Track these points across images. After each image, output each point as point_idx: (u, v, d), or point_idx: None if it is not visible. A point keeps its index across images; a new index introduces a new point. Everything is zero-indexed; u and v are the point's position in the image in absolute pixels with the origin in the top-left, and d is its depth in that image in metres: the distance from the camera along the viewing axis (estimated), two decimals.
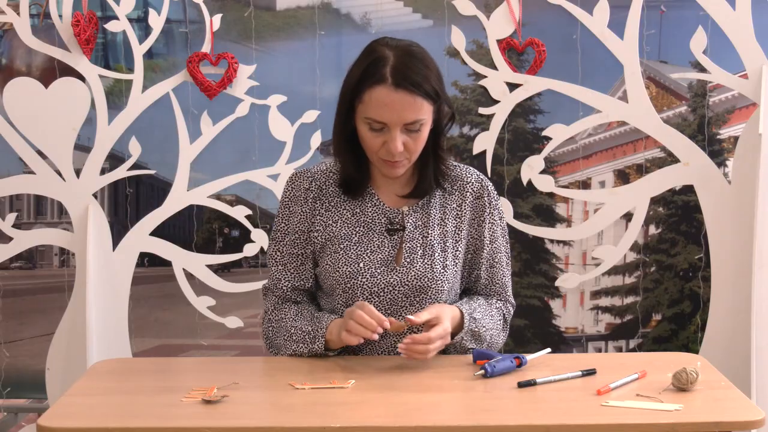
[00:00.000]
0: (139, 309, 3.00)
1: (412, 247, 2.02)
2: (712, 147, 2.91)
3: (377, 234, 2.03)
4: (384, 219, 2.04)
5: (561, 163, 2.97)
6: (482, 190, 2.08)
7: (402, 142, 1.90)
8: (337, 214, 2.05)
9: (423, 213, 2.05)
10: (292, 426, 1.59)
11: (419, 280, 2.00)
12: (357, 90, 1.91)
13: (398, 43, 1.94)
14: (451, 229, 2.06)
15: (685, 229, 2.97)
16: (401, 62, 1.89)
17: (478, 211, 2.08)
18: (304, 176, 2.07)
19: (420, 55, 1.93)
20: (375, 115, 1.89)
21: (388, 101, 1.87)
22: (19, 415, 3.22)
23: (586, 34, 2.86)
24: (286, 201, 2.08)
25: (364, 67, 1.91)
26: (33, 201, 3.03)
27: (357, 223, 2.04)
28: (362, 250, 2.02)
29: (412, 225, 2.03)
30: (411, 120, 1.89)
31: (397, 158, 1.93)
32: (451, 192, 2.07)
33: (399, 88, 1.87)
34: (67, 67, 2.88)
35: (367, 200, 2.05)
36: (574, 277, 2.98)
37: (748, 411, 1.63)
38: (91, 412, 1.67)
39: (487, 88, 2.89)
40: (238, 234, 3.00)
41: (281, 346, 2.03)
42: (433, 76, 1.92)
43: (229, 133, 2.93)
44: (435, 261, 2.01)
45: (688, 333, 3.00)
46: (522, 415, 1.65)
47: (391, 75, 1.87)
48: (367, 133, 1.93)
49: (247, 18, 2.93)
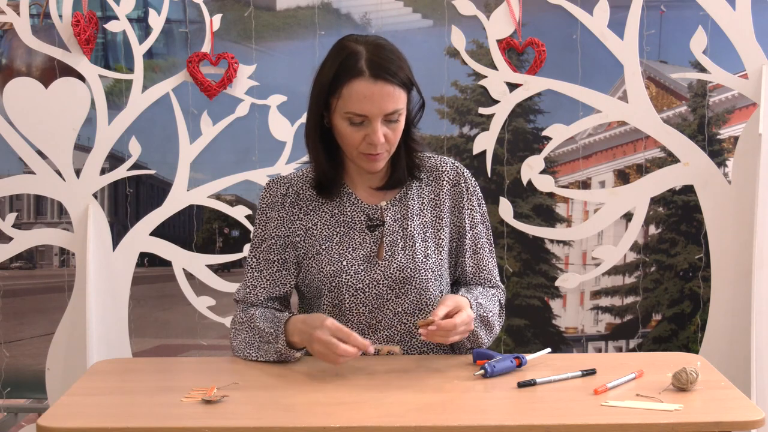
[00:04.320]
0: (139, 309, 3.00)
1: (392, 241, 2.04)
2: (712, 147, 2.91)
3: (358, 231, 2.05)
4: (363, 216, 2.06)
5: (561, 163, 2.97)
6: (458, 177, 2.10)
7: (383, 133, 1.94)
8: (316, 217, 2.06)
9: (401, 206, 2.07)
10: (292, 426, 1.59)
11: (401, 272, 2.01)
12: (334, 86, 1.94)
13: (366, 38, 1.99)
14: (431, 219, 2.07)
15: (685, 229, 2.97)
16: (375, 54, 1.93)
17: (457, 198, 2.10)
18: (280, 182, 2.10)
19: (389, 46, 1.98)
20: (356, 109, 1.92)
21: (368, 93, 1.91)
22: (19, 415, 3.22)
23: (586, 34, 2.86)
24: (263, 207, 2.09)
25: (338, 63, 1.94)
26: (33, 201, 3.03)
27: (337, 223, 2.05)
28: (344, 249, 2.03)
29: (391, 219, 2.05)
30: (391, 110, 1.93)
31: (379, 150, 1.96)
32: (428, 183, 2.10)
33: (378, 80, 1.91)
34: (67, 67, 2.88)
35: (345, 199, 2.07)
36: (574, 277, 2.98)
37: (748, 411, 1.63)
38: (91, 412, 1.67)
39: (487, 88, 2.89)
40: (238, 234, 3.00)
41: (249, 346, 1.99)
42: (405, 65, 1.97)
43: (229, 133, 2.93)
44: (416, 251, 2.03)
45: (688, 333, 3.00)
46: (522, 415, 1.65)
47: (367, 67, 1.91)
48: (347, 129, 1.95)
49: (247, 18, 2.93)
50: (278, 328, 1.94)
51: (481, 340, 2.03)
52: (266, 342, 1.96)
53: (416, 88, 2.00)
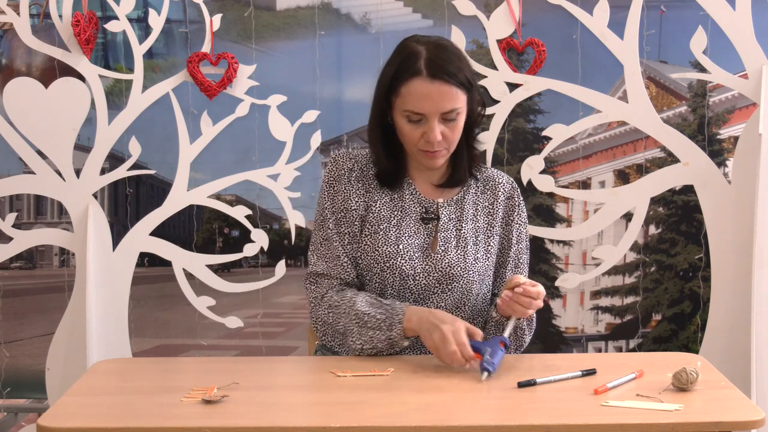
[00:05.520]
0: (139, 309, 3.00)
1: (446, 237, 2.09)
2: (712, 147, 2.91)
3: (413, 220, 2.10)
4: (419, 207, 2.11)
5: (561, 163, 2.97)
6: (513, 191, 2.17)
7: (440, 131, 1.98)
8: (377, 196, 2.10)
9: (457, 207, 2.12)
10: (292, 426, 1.59)
11: (452, 268, 2.06)
12: (393, 85, 2.00)
13: (428, 38, 2.04)
14: (483, 226, 2.13)
15: (685, 229, 2.97)
16: (434, 55, 1.98)
17: (509, 211, 2.16)
18: (346, 157, 2.14)
19: (451, 47, 2.04)
20: (413, 107, 1.97)
21: (425, 92, 1.96)
22: (19, 415, 3.22)
23: (586, 34, 2.86)
24: (330, 181, 2.12)
25: (399, 63, 2.00)
26: (33, 201, 3.03)
27: (395, 207, 2.10)
28: (401, 233, 2.08)
29: (446, 217, 2.10)
30: (448, 109, 1.97)
31: (437, 147, 2.01)
32: (483, 191, 2.15)
33: (435, 79, 1.96)
34: (67, 67, 2.88)
35: (405, 189, 2.12)
36: (574, 277, 2.98)
37: (748, 411, 1.63)
38: (91, 412, 1.67)
39: (487, 88, 2.89)
40: (238, 234, 3.00)
41: (350, 333, 2.00)
42: (465, 66, 2.02)
43: (229, 133, 2.93)
44: (468, 252, 2.08)
45: (688, 333, 3.00)
46: (522, 415, 1.65)
47: (425, 67, 1.96)
48: (406, 126, 2.01)
49: (247, 18, 2.93)
50: (394, 317, 1.97)
51: (526, 337, 2.11)
52: (375, 328, 1.98)
53: (477, 90, 2.04)
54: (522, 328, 2.09)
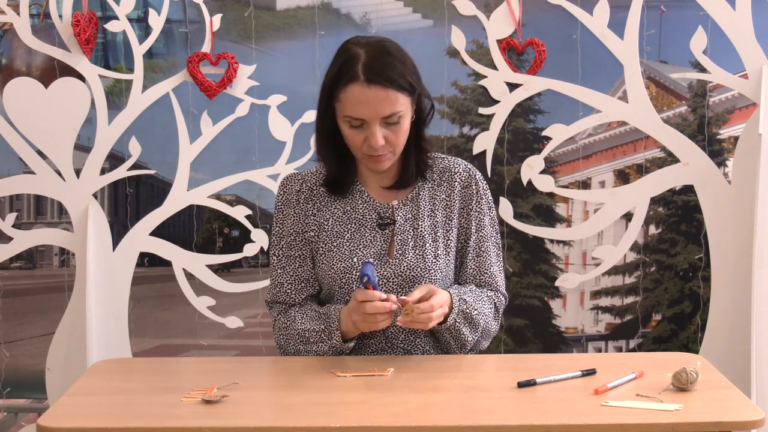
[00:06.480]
0: (139, 309, 3.00)
1: (403, 240, 2.05)
2: (712, 147, 2.91)
3: (369, 229, 2.07)
4: (374, 214, 2.08)
5: (561, 163, 2.97)
6: (470, 179, 2.12)
7: (383, 135, 1.95)
8: (329, 213, 2.08)
9: (413, 206, 2.08)
10: (292, 426, 1.59)
11: (411, 270, 2.03)
12: (332, 90, 1.96)
13: (369, 40, 1.99)
14: (441, 220, 2.09)
15: (685, 229, 2.97)
16: (372, 58, 1.93)
17: (466, 200, 2.11)
18: (294, 179, 2.12)
19: (392, 49, 1.98)
20: (352, 113, 1.94)
21: (363, 98, 1.92)
22: (19, 415, 3.22)
23: (586, 34, 2.86)
24: (279, 205, 2.12)
25: (337, 67, 1.96)
26: (33, 201, 3.03)
27: (348, 220, 2.07)
28: (355, 246, 2.05)
29: (402, 218, 2.07)
30: (387, 113, 1.94)
31: (380, 152, 1.98)
32: (439, 183, 2.11)
33: (372, 84, 1.92)
34: (67, 67, 2.88)
35: (357, 197, 2.09)
36: (574, 277, 2.98)
37: (748, 411, 1.63)
38: (91, 412, 1.67)
39: (487, 88, 2.89)
40: (238, 234, 3.00)
41: (300, 351, 2.04)
42: (407, 68, 1.97)
43: (229, 133, 2.93)
44: (426, 252, 2.05)
45: (688, 333, 3.00)
46: (522, 415, 1.65)
47: (362, 72, 1.92)
48: (348, 131, 1.98)
49: (247, 18, 2.93)
50: (331, 324, 1.97)
51: (464, 336, 2.03)
52: (317, 342, 1.99)
53: (422, 91, 2.00)
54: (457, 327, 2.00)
